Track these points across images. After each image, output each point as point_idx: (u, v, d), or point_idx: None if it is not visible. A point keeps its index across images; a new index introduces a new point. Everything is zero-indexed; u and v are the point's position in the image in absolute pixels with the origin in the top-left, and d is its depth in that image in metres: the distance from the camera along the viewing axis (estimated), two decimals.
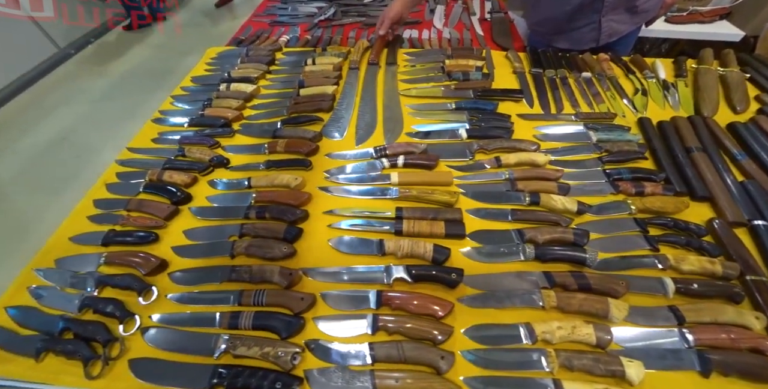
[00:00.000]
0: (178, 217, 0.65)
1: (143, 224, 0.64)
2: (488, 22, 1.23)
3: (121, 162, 0.76)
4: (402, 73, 0.93)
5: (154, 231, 0.62)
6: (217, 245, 0.58)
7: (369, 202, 0.64)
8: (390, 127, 0.76)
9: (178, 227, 0.63)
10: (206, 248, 0.59)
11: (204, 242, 0.60)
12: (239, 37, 1.18)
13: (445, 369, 0.43)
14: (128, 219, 0.64)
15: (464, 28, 1.19)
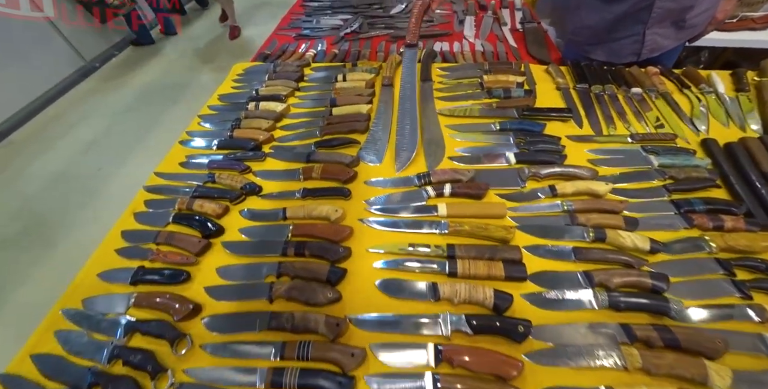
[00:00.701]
0: (210, 251, 0.60)
1: (174, 261, 0.59)
2: (521, 33, 1.16)
3: (149, 189, 0.71)
4: (438, 90, 0.87)
5: (185, 269, 0.57)
6: (254, 287, 0.53)
7: (417, 237, 0.58)
8: (431, 150, 0.70)
9: (211, 264, 0.58)
10: (242, 289, 0.53)
11: (239, 282, 0.55)
12: (264, 51, 1.13)
13: None
14: (158, 254, 0.59)
15: (497, 39, 1.12)
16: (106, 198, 1.74)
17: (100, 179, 1.87)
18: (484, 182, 0.64)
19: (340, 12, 1.32)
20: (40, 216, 1.72)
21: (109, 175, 1.89)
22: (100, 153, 2.07)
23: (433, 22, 1.24)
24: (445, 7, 1.35)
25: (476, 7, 1.31)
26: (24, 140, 2.18)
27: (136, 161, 1.94)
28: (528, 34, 1.14)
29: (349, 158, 0.70)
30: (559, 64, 0.99)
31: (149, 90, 2.57)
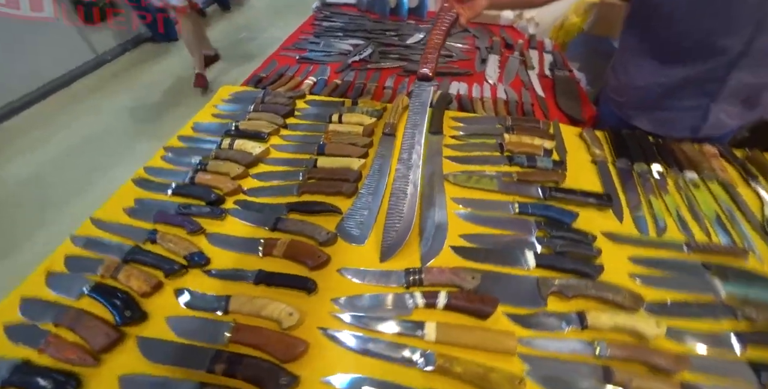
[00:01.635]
0: (120, 348, 0.44)
1: (67, 359, 0.44)
2: (550, 80, 1.01)
3: (76, 240, 0.56)
4: (449, 146, 0.72)
5: (76, 374, 0.42)
6: None
7: (390, 368, 0.42)
8: (429, 233, 0.54)
9: (115, 369, 0.43)
10: None
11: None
12: (260, 74, 0.99)
13: None
14: (50, 345, 0.44)
15: (522, 86, 0.97)
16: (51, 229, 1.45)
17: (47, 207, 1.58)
18: (491, 294, 0.47)
19: (352, 36, 1.18)
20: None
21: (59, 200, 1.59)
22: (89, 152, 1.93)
23: (452, 58, 1.09)
24: (466, 41, 1.21)
25: (502, 46, 1.17)
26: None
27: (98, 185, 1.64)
28: (558, 83, 0.99)
29: (324, 234, 0.54)
30: (594, 124, 0.83)
31: (153, 90, 2.46)
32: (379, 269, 0.51)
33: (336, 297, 0.49)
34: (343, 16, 1.31)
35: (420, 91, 0.58)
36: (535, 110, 0.88)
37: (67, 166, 1.87)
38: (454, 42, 1.20)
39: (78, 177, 1.76)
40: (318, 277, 0.51)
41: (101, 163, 1.86)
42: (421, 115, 0.55)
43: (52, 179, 1.76)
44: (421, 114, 0.56)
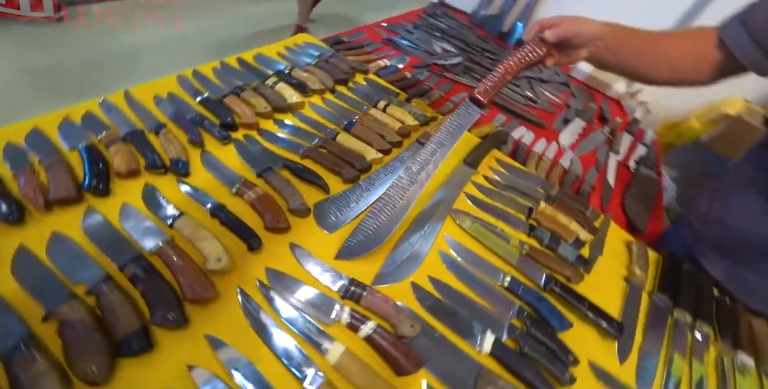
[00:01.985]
0: (71, 208, 0.49)
1: (26, 192, 0.49)
2: (629, 174, 0.94)
3: (104, 103, 0.63)
4: (476, 185, 0.69)
5: (22, 209, 0.47)
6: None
7: (275, 368, 0.41)
8: (400, 257, 0.53)
9: (58, 225, 0.47)
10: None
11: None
12: (342, 37, 1.00)
13: None
14: (24, 173, 0.50)
15: (594, 165, 0.90)
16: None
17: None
18: (421, 354, 0.44)
19: (448, 41, 1.17)
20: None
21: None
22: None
23: (535, 104, 1.05)
24: (560, 94, 1.16)
25: (596, 115, 1.11)
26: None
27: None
28: (637, 181, 0.91)
29: (299, 203, 0.54)
30: (653, 241, 0.73)
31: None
32: (328, 265, 0.50)
33: (272, 267, 0.49)
34: (450, 21, 1.30)
35: (464, 112, 0.55)
36: (592, 196, 0.82)
37: (154, 51, 2.02)
38: (546, 89, 1.16)
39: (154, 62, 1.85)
40: (268, 240, 0.52)
41: (176, 57, 1.98)
42: (452, 136, 0.53)
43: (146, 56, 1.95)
44: (453, 136, 0.53)
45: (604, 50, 0.57)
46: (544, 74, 1.24)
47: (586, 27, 0.56)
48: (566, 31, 0.55)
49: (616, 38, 0.56)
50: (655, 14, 1.11)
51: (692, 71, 0.55)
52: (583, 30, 0.55)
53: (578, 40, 0.56)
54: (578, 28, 0.55)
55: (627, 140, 1.08)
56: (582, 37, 0.55)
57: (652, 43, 0.56)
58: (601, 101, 1.22)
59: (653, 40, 0.56)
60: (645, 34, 0.57)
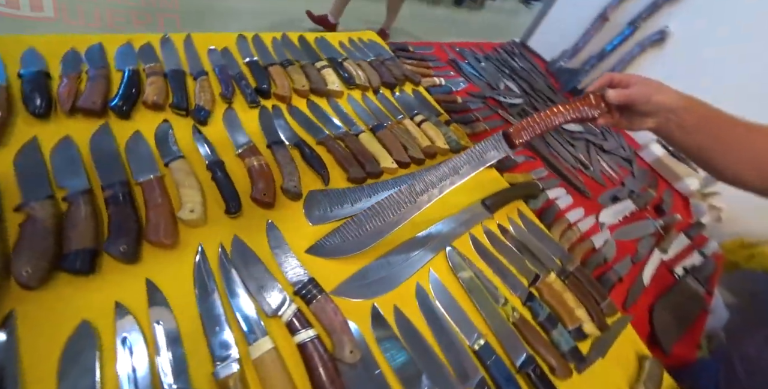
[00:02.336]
0: (89, 118, 0.53)
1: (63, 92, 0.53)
2: (672, 278, 0.85)
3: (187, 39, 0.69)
4: (487, 229, 0.67)
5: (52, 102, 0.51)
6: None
7: (198, 338, 0.40)
8: (373, 276, 0.52)
9: (73, 131, 0.50)
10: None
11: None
12: (409, 45, 1.00)
13: None
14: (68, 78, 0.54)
15: (631, 255, 0.84)
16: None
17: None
18: (346, 386, 0.41)
19: (515, 80, 1.16)
20: None
21: None
22: None
23: (586, 170, 1.03)
24: (619, 170, 1.10)
25: (651, 204, 1.04)
26: None
27: None
28: (678, 290, 0.81)
29: (293, 186, 0.55)
30: (674, 368, 0.63)
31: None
32: (295, 256, 0.50)
33: (241, 238, 0.49)
34: (525, 62, 1.31)
35: (491, 145, 0.53)
36: (617, 288, 0.75)
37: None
38: (605, 159, 1.12)
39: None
40: (250, 210, 0.53)
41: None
42: (470, 166, 0.51)
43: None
44: (471, 166, 0.51)
45: (676, 126, 0.49)
46: (608, 143, 1.18)
47: (659, 96, 0.49)
48: (634, 95, 0.50)
49: (693, 116, 0.48)
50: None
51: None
52: (655, 99, 0.48)
53: (646, 107, 0.49)
54: (649, 94, 0.49)
55: (681, 243, 0.97)
56: (651, 105, 0.49)
57: (740, 133, 0.47)
58: (663, 192, 1.13)
59: (744, 130, 0.47)
60: (734, 120, 0.47)
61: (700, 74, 1.06)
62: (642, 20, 1.13)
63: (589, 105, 0.53)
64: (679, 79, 1.13)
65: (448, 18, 3.75)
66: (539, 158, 0.98)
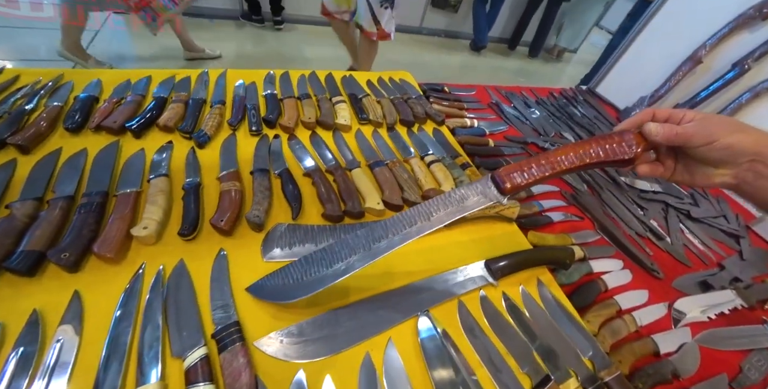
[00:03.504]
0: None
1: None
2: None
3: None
4: (485, 298, 0.54)
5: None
6: None
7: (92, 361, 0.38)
8: (305, 332, 0.46)
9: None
10: None
11: None
12: (445, 86, 0.99)
13: None
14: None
15: (730, 378, 0.59)
16: None
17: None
18: None
19: (572, 128, 1.05)
20: None
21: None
22: None
23: (659, 241, 0.80)
24: (713, 245, 0.84)
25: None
26: None
27: None
28: None
29: (254, 215, 0.53)
30: None
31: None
32: (230, 291, 0.46)
33: (186, 262, 0.48)
34: (590, 110, 1.22)
35: (476, 189, 0.43)
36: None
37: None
38: (694, 229, 0.86)
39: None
40: (207, 234, 0.52)
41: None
42: (445, 213, 0.43)
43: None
44: (445, 212, 0.43)
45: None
46: (698, 209, 0.92)
47: (735, 135, 0.36)
48: (691, 132, 0.37)
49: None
50: None
51: None
52: (726, 140, 0.36)
53: (713, 152, 0.37)
54: (715, 132, 0.36)
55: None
56: (720, 148, 0.36)
57: None
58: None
59: None
60: None
61: None
62: (753, 60, 0.93)
63: (617, 144, 0.40)
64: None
65: (521, 69, 3.74)
66: (589, 218, 0.81)
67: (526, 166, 0.43)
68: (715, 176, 0.40)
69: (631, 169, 0.44)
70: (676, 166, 0.43)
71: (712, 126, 0.37)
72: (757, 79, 0.92)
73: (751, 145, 0.36)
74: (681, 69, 1.06)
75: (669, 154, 0.44)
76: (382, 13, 1.83)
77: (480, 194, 0.44)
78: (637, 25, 1.23)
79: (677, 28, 1.12)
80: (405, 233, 0.44)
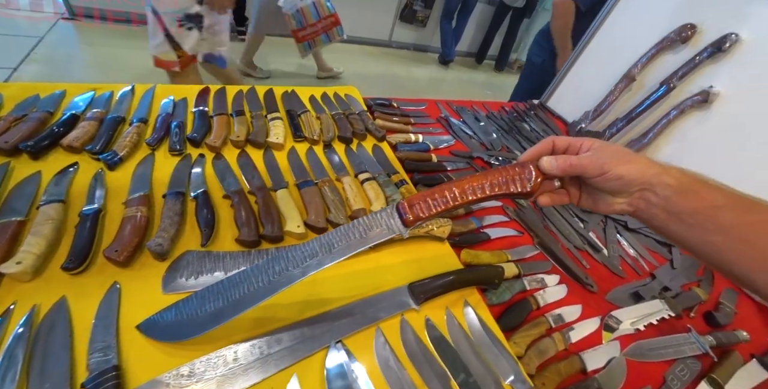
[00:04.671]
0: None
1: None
2: None
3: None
4: (406, 323, 0.52)
5: None
6: None
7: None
8: (196, 370, 0.42)
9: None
10: None
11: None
12: (393, 101, 0.99)
13: None
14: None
15: (650, 386, 0.59)
16: None
17: None
18: None
19: (521, 142, 1.06)
20: None
21: None
22: None
23: (596, 253, 0.81)
24: (648, 256, 0.86)
25: (698, 311, 0.76)
26: None
27: None
28: None
29: (157, 243, 0.49)
30: None
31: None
32: (114, 331, 0.42)
33: (68, 300, 0.43)
34: (540, 124, 1.25)
35: (379, 219, 0.42)
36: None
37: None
38: (630, 240, 0.88)
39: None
40: (101, 267, 0.48)
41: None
42: (345, 243, 0.41)
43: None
44: (346, 244, 0.41)
45: (661, 212, 0.37)
46: (635, 220, 0.95)
47: (624, 166, 0.37)
48: (584, 163, 0.38)
49: (684, 196, 0.36)
50: None
51: None
52: (616, 170, 0.37)
53: (606, 183, 0.38)
54: (603, 163, 0.37)
55: (752, 376, 0.66)
56: (610, 179, 0.37)
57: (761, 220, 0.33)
58: (722, 292, 0.83)
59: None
60: (752, 202, 0.35)
61: (756, 142, 0.85)
62: (677, 79, 0.99)
63: (517, 178, 0.40)
64: (732, 145, 0.94)
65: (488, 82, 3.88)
66: (528, 232, 0.81)
67: (431, 197, 0.42)
68: (614, 203, 0.41)
69: (532, 200, 0.44)
70: (581, 193, 0.44)
71: (604, 157, 0.38)
72: (681, 97, 0.98)
73: (638, 174, 0.37)
74: (618, 86, 1.12)
75: (573, 182, 0.45)
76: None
77: (384, 226, 0.42)
78: (580, 43, 1.29)
79: (614, 47, 1.18)
80: (305, 267, 0.41)
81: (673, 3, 1.02)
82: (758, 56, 0.87)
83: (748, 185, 0.75)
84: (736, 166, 0.92)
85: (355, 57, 3.46)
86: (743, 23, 0.88)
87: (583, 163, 0.39)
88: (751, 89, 0.88)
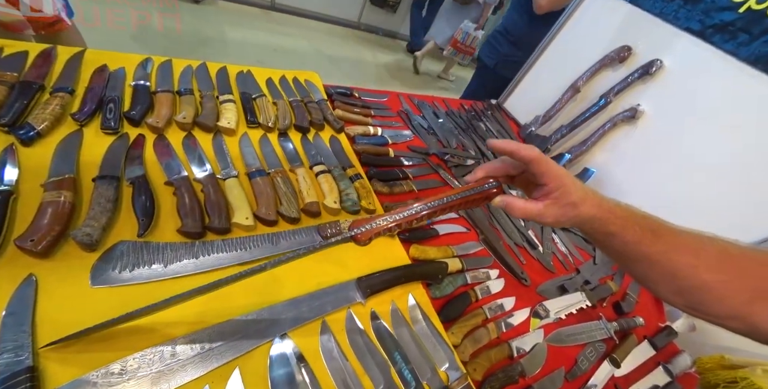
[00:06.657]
0: None
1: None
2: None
3: None
4: (352, 316, 0.54)
5: None
6: None
7: None
8: (140, 374, 0.39)
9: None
10: None
11: None
12: (354, 91, 0.97)
13: None
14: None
15: (564, 366, 0.67)
16: None
17: None
18: None
19: (475, 140, 1.12)
20: None
21: None
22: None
23: (533, 250, 0.89)
24: (577, 253, 0.96)
25: (609, 301, 0.87)
26: None
27: None
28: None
29: (84, 232, 0.46)
30: None
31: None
32: (29, 329, 0.38)
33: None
34: (495, 124, 1.33)
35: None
36: None
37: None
38: (564, 241, 0.97)
39: None
40: (15, 257, 0.43)
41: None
42: None
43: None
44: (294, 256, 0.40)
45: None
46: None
47: (579, 208, 0.41)
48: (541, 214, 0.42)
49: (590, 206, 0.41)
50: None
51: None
52: (574, 213, 0.41)
53: (566, 222, 0.43)
54: (562, 213, 0.41)
55: (643, 354, 0.80)
56: (570, 218, 0.42)
57: (672, 247, 0.38)
58: (630, 283, 0.97)
59: (680, 243, 0.38)
60: (673, 231, 0.39)
61: (674, 154, 0.99)
62: (614, 95, 1.10)
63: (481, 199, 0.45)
64: (651, 158, 1.08)
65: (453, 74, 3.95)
66: (475, 229, 0.87)
67: (382, 220, 0.43)
68: (584, 211, 0.43)
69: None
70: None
71: (562, 205, 0.41)
72: (615, 111, 1.09)
73: (594, 211, 0.41)
74: (565, 95, 1.21)
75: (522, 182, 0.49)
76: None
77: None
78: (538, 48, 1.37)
79: (566, 58, 1.27)
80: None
81: (618, 23, 1.12)
82: (676, 83, 0.99)
83: (661, 195, 0.82)
84: (653, 177, 1.06)
85: (321, 36, 3.30)
86: (667, 52, 1.00)
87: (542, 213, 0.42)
88: (668, 111, 1.01)
